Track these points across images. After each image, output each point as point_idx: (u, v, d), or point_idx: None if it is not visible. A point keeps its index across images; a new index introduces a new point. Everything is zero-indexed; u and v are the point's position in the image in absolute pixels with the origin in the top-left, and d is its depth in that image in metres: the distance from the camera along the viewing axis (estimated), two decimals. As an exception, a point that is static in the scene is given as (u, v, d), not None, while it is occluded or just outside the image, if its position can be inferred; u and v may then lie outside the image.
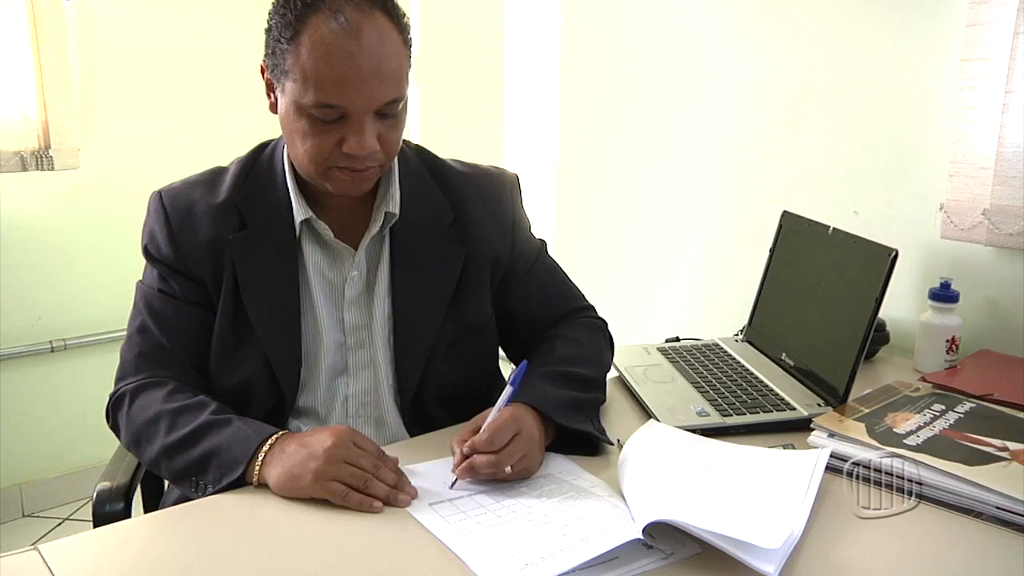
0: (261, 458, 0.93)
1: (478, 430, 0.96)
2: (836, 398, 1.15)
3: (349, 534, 0.85)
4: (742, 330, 1.51)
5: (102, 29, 2.42)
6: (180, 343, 1.07)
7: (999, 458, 0.94)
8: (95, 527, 0.93)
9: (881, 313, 1.15)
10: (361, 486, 0.89)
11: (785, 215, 1.49)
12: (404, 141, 1.11)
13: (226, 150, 1.18)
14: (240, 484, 0.94)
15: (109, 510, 1.04)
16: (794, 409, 1.15)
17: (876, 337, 1.40)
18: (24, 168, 2.27)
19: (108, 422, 1.08)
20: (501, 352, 1.26)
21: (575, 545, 0.81)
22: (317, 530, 0.85)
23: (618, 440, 1.06)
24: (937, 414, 1.07)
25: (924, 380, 1.28)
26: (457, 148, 1.31)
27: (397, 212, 1.10)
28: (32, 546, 0.81)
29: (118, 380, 1.08)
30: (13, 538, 2.32)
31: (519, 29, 2.37)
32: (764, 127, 1.74)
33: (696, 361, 1.37)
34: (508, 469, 0.92)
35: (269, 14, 0.99)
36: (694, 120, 1.89)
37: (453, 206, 1.14)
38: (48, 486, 2.49)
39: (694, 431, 1.08)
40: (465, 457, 0.93)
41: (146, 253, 1.10)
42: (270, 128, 1.19)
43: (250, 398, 1.08)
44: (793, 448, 1.04)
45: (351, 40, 0.93)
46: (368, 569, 0.79)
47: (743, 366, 1.34)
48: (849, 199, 1.58)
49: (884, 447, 0.97)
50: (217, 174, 1.12)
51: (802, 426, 1.08)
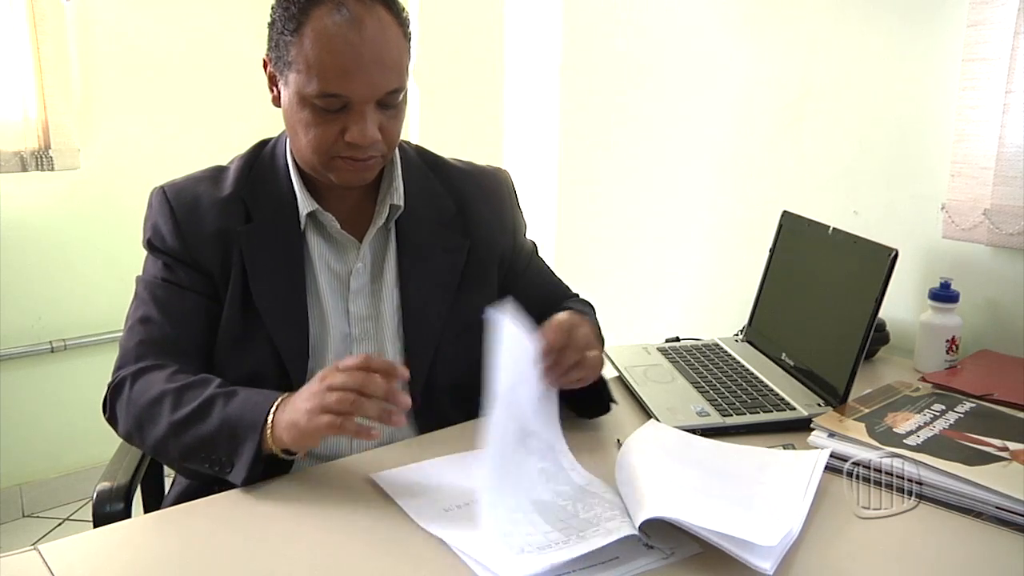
0: (271, 420, 0.92)
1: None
2: (836, 398, 1.15)
3: (349, 533, 0.85)
4: (742, 330, 1.51)
5: (102, 29, 2.42)
6: (185, 331, 1.06)
7: (999, 458, 0.94)
8: (95, 527, 0.93)
9: (881, 313, 1.15)
10: (350, 408, 0.87)
11: (785, 215, 1.49)
12: (402, 140, 1.13)
13: (226, 150, 1.18)
14: (257, 460, 0.92)
15: (109, 510, 1.04)
16: (794, 409, 1.15)
17: (876, 337, 1.40)
18: (24, 168, 2.27)
19: (105, 414, 1.06)
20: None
21: (571, 540, 0.81)
22: (317, 529, 0.85)
23: (618, 440, 1.07)
24: (937, 414, 1.07)
25: (924, 380, 1.28)
26: (457, 148, 1.32)
27: (401, 204, 1.12)
28: (32, 546, 0.81)
29: (117, 369, 1.06)
30: (13, 538, 2.32)
31: (519, 29, 2.37)
32: (764, 127, 1.74)
33: (696, 361, 1.37)
34: (591, 354, 1.00)
35: (272, 8, 1.01)
36: (694, 120, 1.89)
37: (454, 200, 1.17)
38: (48, 486, 2.49)
39: (694, 431, 1.08)
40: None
41: (149, 246, 1.10)
42: (270, 128, 1.19)
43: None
44: (793, 448, 1.04)
45: (354, 31, 0.96)
46: (368, 568, 0.79)
47: (743, 366, 1.34)
48: (849, 199, 1.58)
49: (884, 447, 0.97)
50: (218, 171, 1.13)
51: (802, 426, 1.08)
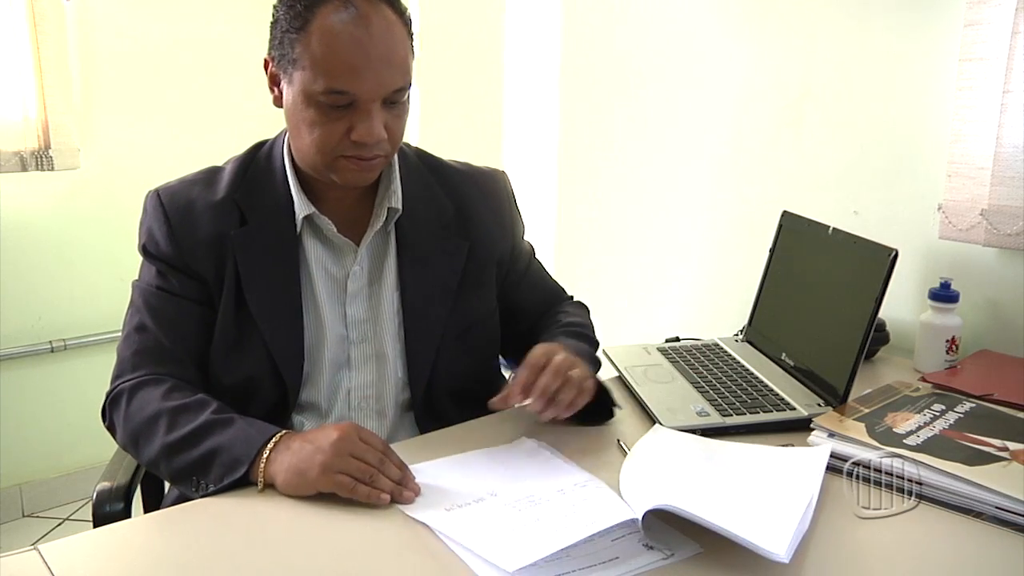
0: (266, 456, 0.92)
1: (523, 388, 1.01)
2: (836, 398, 1.15)
3: (349, 534, 0.85)
4: (742, 330, 1.51)
5: (102, 29, 2.42)
6: (180, 340, 1.07)
7: (999, 458, 0.94)
8: (95, 527, 0.93)
9: (881, 313, 1.15)
10: (367, 480, 0.89)
11: (785, 215, 1.49)
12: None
13: (226, 150, 1.18)
14: (241, 483, 0.93)
15: (109, 510, 1.04)
16: (794, 409, 1.15)
17: (876, 337, 1.40)
18: (24, 168, 2.27)
19: (104, 421, 1.08)
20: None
21: (572, 527, 0.81)
22: (317, 530, 0.85)
23: (618, 441, 1.07)
24: (937, 414, 1.07)
25: (924, 380, 1.28)
26: (457, 148, 1.32)
27: (400, 207, 1.11)
28: (32, 546, 0.81)
29: (115, 378, 1.07)
30: (13, 538, 2.32)
31: (519, 30, 2.37)
32: (764, 127, 1.74)
33: (696, 361, 1.37)
34: (573, 372, 1.00)
35: (274, 7, 1.02)
36: (694, 120, 1.89)
37: (452, 201, 1.17)
38: (48, 486, 2.49)
39: (694, 431, 1.08)
40: (526, 394, 1.00)
41: (144, 251, 1.10)
42: (270, 128, 1.19)
43: (254, 394, 1.08)
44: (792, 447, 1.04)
45: (361, 28, 0.97)
46: (368, 568, 0.79)
47: (743, 366, 1.34)
48: (849, 199, 1.58)
49: (884, 447, 0.97)
50: (213, 172, 1.13)
51: (802, 426, 1.08)
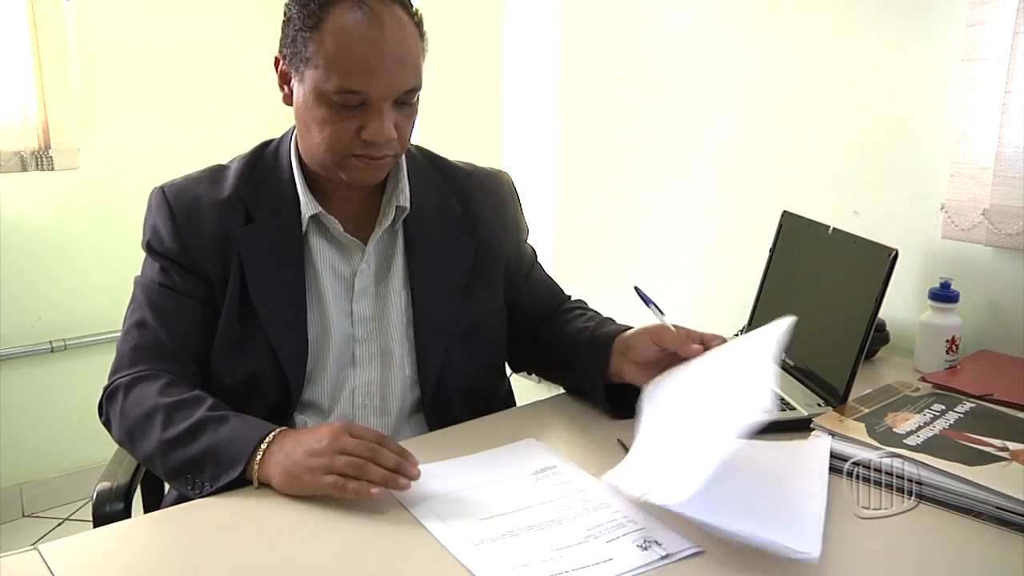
0: (260, 456, 0.92)
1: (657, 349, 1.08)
2: (836, 398, 1.15)
3: (349, 534, 0.85)
4: (742, 330, 1.51)
5: (102, 29, 2.42)
6: (179, 338, 1.07)
7: (999, 458, 0.94)
8: (95, 527, 0.93)
9: (881, 313, 1.15)
10: (357, 474, 0.88)
11: (785, 215, 1.49)
12: None
13: (227, 150, 1.18)
14: (238, 483, 0.93)
15: (109, 510, 1.04)
16: (794, 409, 1.15)
17: (876, 337, 1.40)
18: (24, 168, 2.27)
19: (100, 417, 1.08)
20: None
21: (575, 550, 0.81)
22: (317, 530, 0.85)
23: (619, 440, 1.07)
24: (937, 414, 1.07)
25: (924, 380, 1.28)
26: (457, 148, 1.32)
27: (408, 205, 1.12)
28: (32, 546, 0.81)
29: (112, 373, 1.07)
30: (13, 538, 2.32)
31: (519, 29, 2.37)
32: (764, 127, 1.74)
33: (696, 361, 1.37)
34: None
35: (287, 5, 1.01)
36: (694, 120, 1.89)
37: (459, 201, 1.17)
38: (48, 486, 2.49)
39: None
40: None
41: (148, 248, 1.10)
42: (271, 128, 1.19)
43: (256, 392, 1.08)
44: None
45: (375, 28, 0.97)
46: (368, 569, 0.79)
47: (743, 366, 1.34)
48: (849, 199, 1.58)
49: (884, 447, 0.97)
50: (219, 170, 1.13)
51: (802, 426, 1.08)
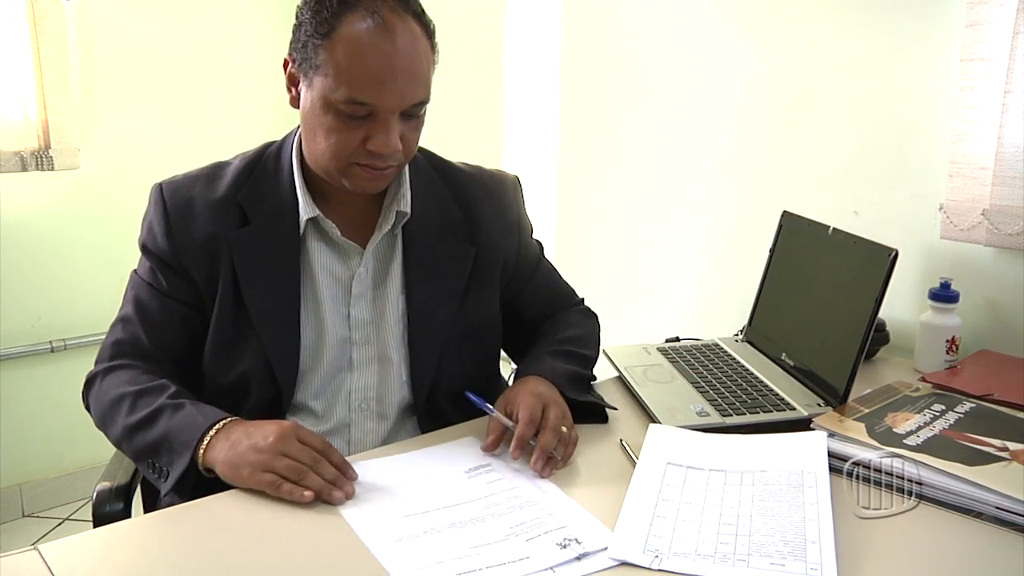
0: (206, 442, 0.95)
1: (496, 440, 1.03)
2: (836, 398, 1.15)
3: (349, 532, 0.85)
4: (742, 330, 1.51)
5: (102, 29, 2.42)
6: (159, 339, 1.10)
7: (999, 458, 0.94)
8: (95, 527, 0.93)
9: (881, 313, 1.15)
10: (295, 478, 0.90)
11: (785, 215, 1.49)
12: None
13: (227, 149, 1.18)
14: (185, 476, 0.95)
15: (109, 510, 1.04)
16: (794, 409, 1.15)
17: (876, 337, 1.40)
18: (24, 168, 2.27)
19: (84, 403, 1.12)
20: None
21: (493, 548, 0.81)
22: (317, 529, 0.85)
23: (620, 440, 1.07)
24: (937, 414, 1.07)
25: (924, 380, 1.28)
26: (457, 149, 1.32)
27: (409, 211, 1.11)
28: (32, 546, 0.81)
29: (95, 363, 1.12)
30: (13, 538, 2.32)
31: (519, 30, 2.37)
32: (764, 127, 1.74)
33: (696, 361, 1.37)
34: (560, 445, 1.00)
35: (298, 9, 1.01)
36: (694, 121, 1.89)
37: (460, 205, 1.17)
38: (48, 486, 2.49)
39: (694, 431, 1.08)
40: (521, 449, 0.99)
41: (142, 246, 1.11)
42: (271, 127, 1.19)
43: (247, 393, 1.09)
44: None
45: (387, 40, 0.96)
46: (369, 568, 0.79)
47: (743, 366, 1.34)
48: (849, 199, 1.58)
49: (884, 447, 0.97)
50: (218, 168, 1.13)
51: (802, 426, 1.08)
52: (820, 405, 1.16)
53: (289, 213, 1.08)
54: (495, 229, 1.18)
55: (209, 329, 1.08)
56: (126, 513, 1.05)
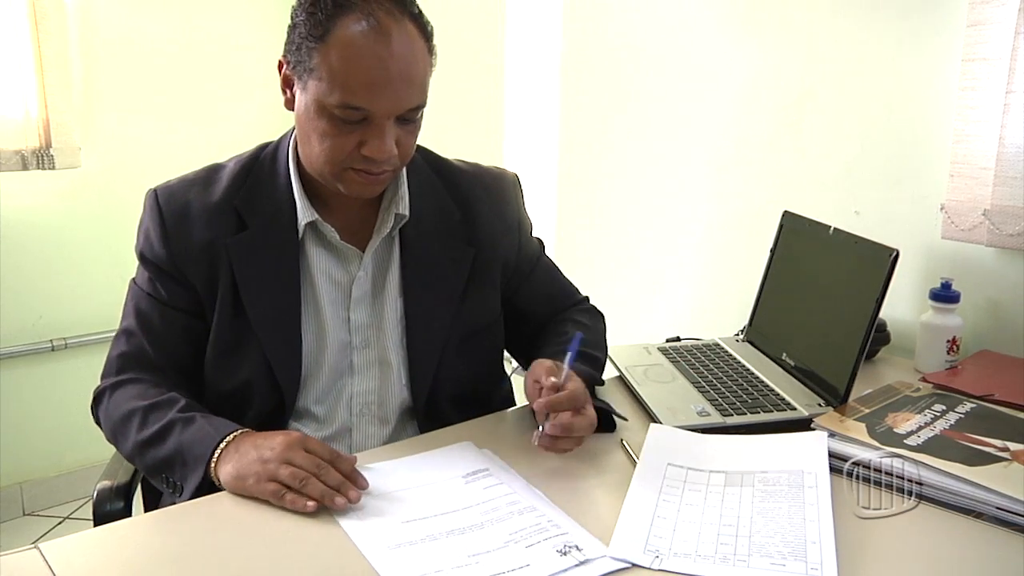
0: (217, 455, 0.94)
1: (550, 388, 1.00)
2: (837, 398, 1.15)
3: (346, 540, 0.84)
4: (743, 330, 1.51)
5: (103, 27, 2.42)
6: (162, 349, 1.09)
7: (1000, 458, 0.94)
8: (95, 526, 0.93)
9: (882, 313, 1.15)
10: (297, 486, 0.89)
11: (786, 215, 1.49)
12: None
13: (228, 149, 1.18)
14: (200, 490, 0.94)
15: (109, 509, 1.04)
16: (795, 409, 1.15)
17: (877, 337, 1.40)
18: (25, 167, 2.27)
19: (93, 418, 1.11)
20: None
21: (492, 556, 0.80)
22: (318, 529, 0.85)
23: (622, 441, 1.07)
24: (938, 414, 1.07)
25: (925, 380, 1.28)
26: (458, 149, 1.31)
27: (407, 213, 1.10)
28: (32, 545, 0.81)
29: (102, 377, 1.11)
30: (13, 537, 2.32)
31: (519, 29, 2.37)
32: (764, 127, 1.74)
33: (697, 361, 1.37)
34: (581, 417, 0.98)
35: (293, 11, 0.98)
36: (694, 120, 1.89)
37: (459, 205, 1.15)
38: (48, 485, 2.49)
39: (694, 431, 1.08)
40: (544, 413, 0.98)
41: (140, 255, 1.10)
42: (272, 126, 1.19)
43: (250, 400, 1.08)
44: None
45: (382, 44, 0.94)
46: (370, 567, 0.79)
47: (744, 366, 1.34)
48: (850, 199, 1.58)
49: (885, 447, 0.97)
50: (213, 171, 1.11)
51: (803, 426, 1.08)
52: (821, 405, 1.16)
53: (287, 217, 1.07)
54: (494, 228, 1.17)
55: (209, 336, 1.08)
56: (126, 512, 1.05)
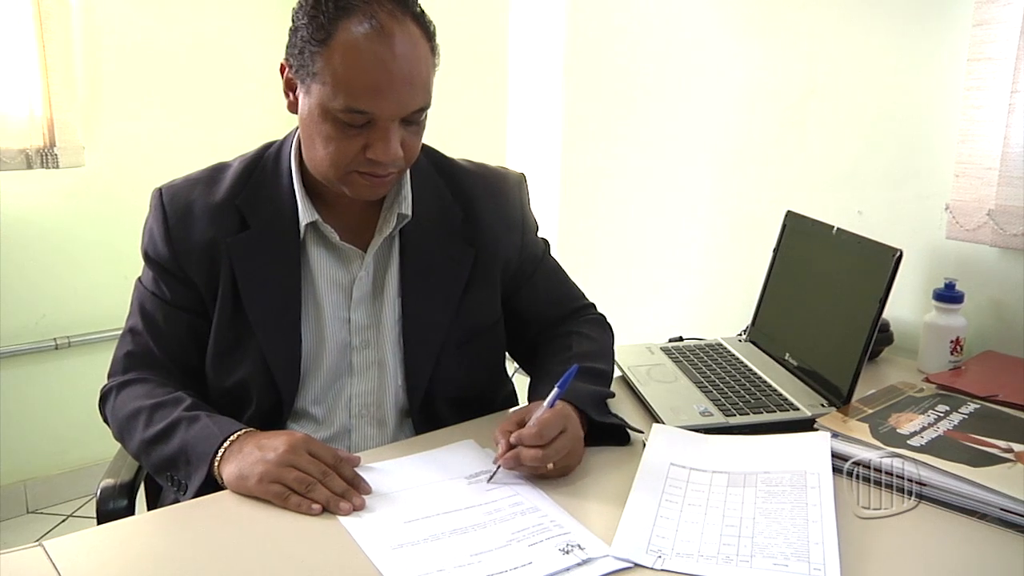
0: (221, 454, 0.95)
1: (521, 423, 0.97)
2: (840, 398, 1.15)
3: (348, 540, 0.84)
4: (745, 330, 1.51)
5: (107, 27, 2.42)
6: (167, 348, 1.10)
7: (1003, 459, 0.93)
8: (99, 524, 0.94)
9: (885, 313, 1.15)
10: (302, 490, 0.89)
11: (789, 215, 1.49)
12: None
13: (231, 148, 1.18)
14: (205, 488, 0.94)
15: (113, 507, 1.04)
16: (797, 409, 1.15)
17: (880, 337, 1.40)
18: (29, 166, 2.28)
19: (101, 417, 1.12)
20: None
21: (495, 555, 0.80)
22: (321, 528, 0.85)
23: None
24: (941, 415, 1.07)
25: (928, 381, 1.27)
26: (461, 148, 1.31)
27: (410, 214, 1.10)
28: (36, 542, 0.82)
29: (108, 376, 1.12)
30: (17, 535, 2.33)
31: (523, 29, 2.37)
32: (768, 126, 1.74)
33: (699, 361, 1.37)
34: (550, 466, 0.93)
35: (294, 13, 0.97)
36: (698, 120, 1.89)
37: (462, 205, 1.14)
38: (52, 483, 2.50)
39: (696, 431, 1.08)
40: (510, 447, 0.94)
41: (145, 254, 1.11)
42: (276, 126, 1.19)
43: (248, 399, 1.08)
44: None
45: (384, 47, 0.93)
46: (370, 567, 0.79)
47: (746, 366, 1.34)
48: (854, 199, 1.58)
49: (888, 448, 0.96)
50: (218, 171, 1.11)
51: (806, 426, 1.08)
52: (824, 405, 1.16)
53: (288, 217, 1.07)
54: (496, 228, 1.16)
55: (210, 334, 1.08)
56: (130, 510, 1.05)
